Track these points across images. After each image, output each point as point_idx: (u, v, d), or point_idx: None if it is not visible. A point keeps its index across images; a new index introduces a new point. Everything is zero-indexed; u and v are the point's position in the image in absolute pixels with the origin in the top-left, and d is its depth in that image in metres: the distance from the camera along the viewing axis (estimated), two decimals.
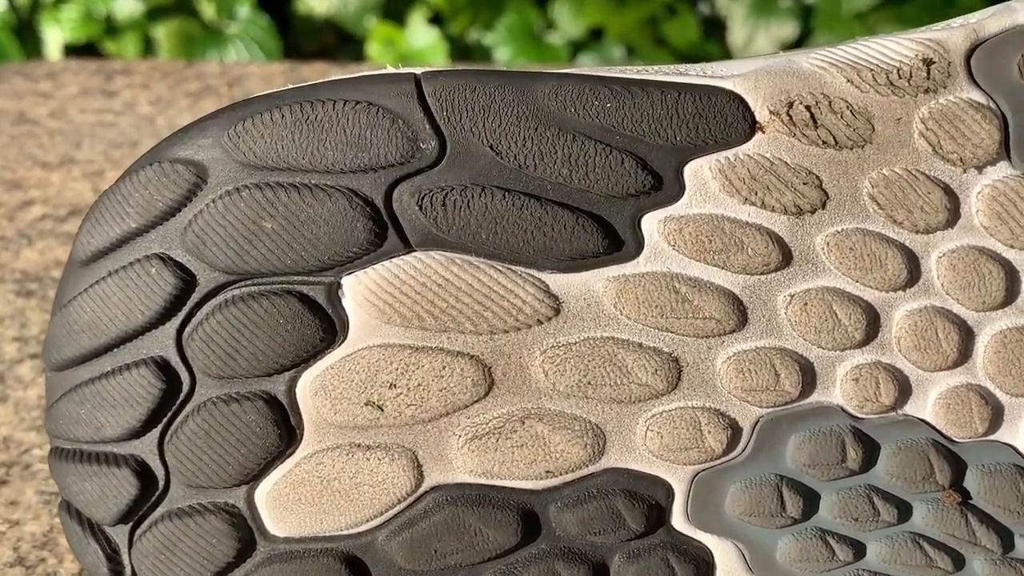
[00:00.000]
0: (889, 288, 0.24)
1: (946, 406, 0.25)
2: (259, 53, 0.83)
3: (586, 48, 0.87)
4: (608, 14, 0.85)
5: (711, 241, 0.24)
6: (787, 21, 0.86)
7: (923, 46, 0.24)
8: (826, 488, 0.25)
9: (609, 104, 0.24)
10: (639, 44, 0.86)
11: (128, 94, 0.63)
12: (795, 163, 0.24)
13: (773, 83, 0.24)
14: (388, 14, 0.84)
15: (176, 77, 0.64)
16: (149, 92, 0.63)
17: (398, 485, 0.25)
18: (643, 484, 0.25)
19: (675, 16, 0.87)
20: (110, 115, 0.60)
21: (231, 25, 0.83)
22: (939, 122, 0.24)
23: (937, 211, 0.24)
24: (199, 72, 0.65)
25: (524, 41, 0.85)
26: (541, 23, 0.84)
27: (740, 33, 0.87)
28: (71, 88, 0.63)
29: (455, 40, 0.84)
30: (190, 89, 0.63)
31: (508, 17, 0.85)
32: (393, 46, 0.84)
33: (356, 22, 0.85)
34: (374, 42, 0.81)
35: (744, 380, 0.24)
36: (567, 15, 0.85)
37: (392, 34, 0.82)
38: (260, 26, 0.84)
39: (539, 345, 0.24)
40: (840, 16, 0.86)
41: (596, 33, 0.85)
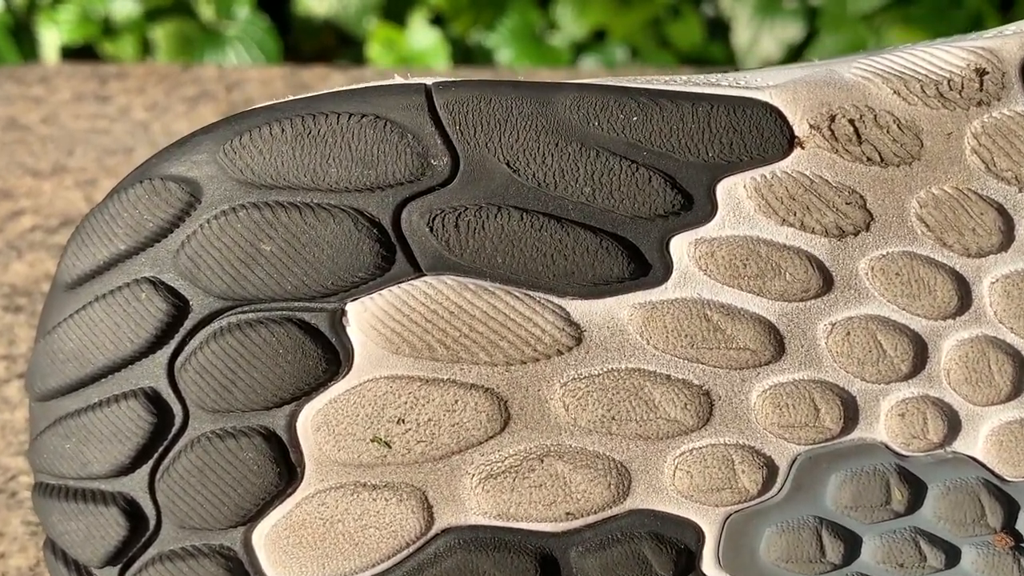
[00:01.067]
0: (938, 316, 0.22)
1: (999, 443, 0.23)
2: (258, 54, 0.82)
3: (589, 49, 0.86)
4: (611, 15, 0.83)
5: (746, 265, 0.22)
6: (792, 22, 0.85)
7: (975, 55, 0.22)
8: (869, 531, 0.23)
9: (635, 118, 0.22)
10: (642, 45, 0.85)
11: (123, 99, 0.61)
12: (837, 181, 0.22)
13: (813, 95, 0.22)
14: (388, 15, 0.82)
15: (172, 81, 0.62)
16: (145, 97, 0.61)
17: (407, 528, 0.23)
18: (671, 527, 0.23)
19: (679, 17, 0.86)
20: (104, 121, 0.58)
21: (230, 26, 0.82)
22: (993, 137, 0.22)
23: (990, 233, 0.22)
24: (196, 76, 0.64)
25: (526, 42, 0.84)
26: (543, 24, 0.82)
27: (744, 34, 0.85)
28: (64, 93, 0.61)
29: (456, 41, 0.83)
30: (187, 94, 0.61)
31: (510, 18, 0.84)
32: (393, 47, 0.82)
33: (356, 23, 0.84)
34: (374, 43, 0.80)
35: (781, 415, 0.23)
36: (569, 16, 0.84)
37: (392, 35, 0.80)
38: (259, 27, 0.82)
39: (559, 377, 0.23)
40: (846, 17, 0.84)
41: (599, 35, 0.83)
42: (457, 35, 0.81)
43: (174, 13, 0.83)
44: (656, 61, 0.82)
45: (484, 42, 0.83)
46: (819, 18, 0.85)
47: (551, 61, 0.82)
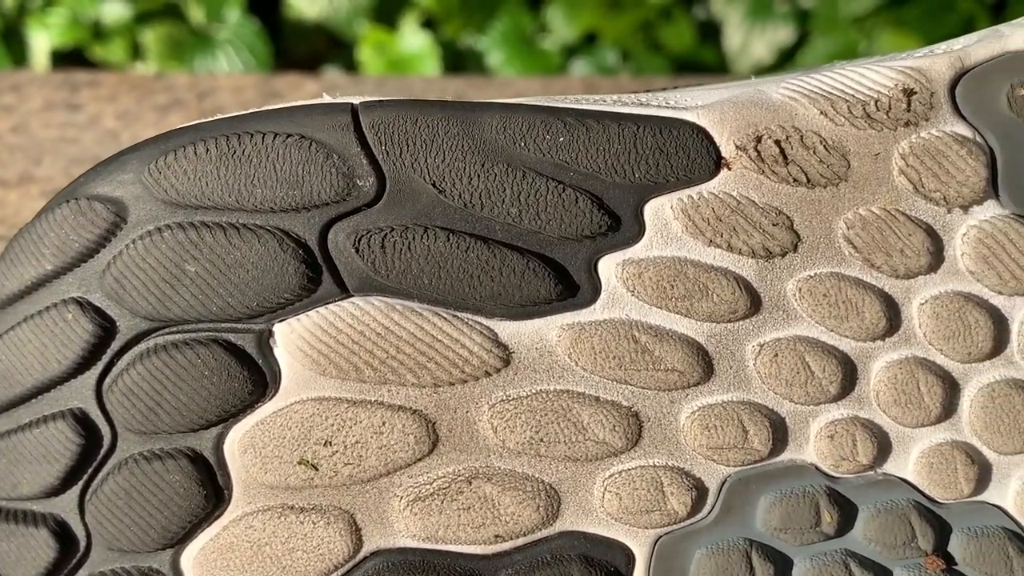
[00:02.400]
0: (867, 338, 0.22)
1: (929, 465, 0.23)
2: (249, 58, 0.82)
3: (580, 53, 0.86)
4: (602, 18, 0.83)
5: (673, 287, 0.22)
6: (783, 25, 0.85)
7: (903, 75, 0.22)
8: (799, 553, 0.23)
9: (562, 138, 0.22)
10: (633, 48, 0.85)
11: (94, 108, 0.60)
12: (764, 202, 0.22)
13: (740, 115, 0.22)
14: (380, 18, 0.82)
15: (145, 90, 0.62)
16: (116, 105, 0.61)
17: (335, 551, 0.23)
18: (601, 549, 0.23)
19: (670, 20, 0.85)
20: (73, 130, 0.58)
21: (220, 30, 0.82)
22: (921, 158, 0.22)
23: (919, 254, 0.22)
24: (169, 85, 0.63)
25: (517, 46, 0.84)
26: (534, 27, 0.82)
27: (736, 37, 0.85)
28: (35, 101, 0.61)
29: (447, 45, 0.83)
30: (158, 102, 0.61)
31: (501, 21, 0.84)
32: (384, 51, 0.82)
33: (347, 26, 0.83)
34: (365, 47, 0.79)
35: (710, 437, 0.22)
36: (560, 19, 0.84)
37: (383, 38, 0.80)
38: (250, 31, 0.82)
39: (487, 399, 0.22)
40: (837, 20, 0.84)
41: (590, 37, 0.83)
42: (448, 38, 0.81)
43: (164, 16, 0.83)
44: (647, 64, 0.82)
45: (475, 45, 0.83)
46: (810, 21, 0.85)
47: (542, 64, 0.81)
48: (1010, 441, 0.23)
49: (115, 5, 0.82)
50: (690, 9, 0.85)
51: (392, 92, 0.57)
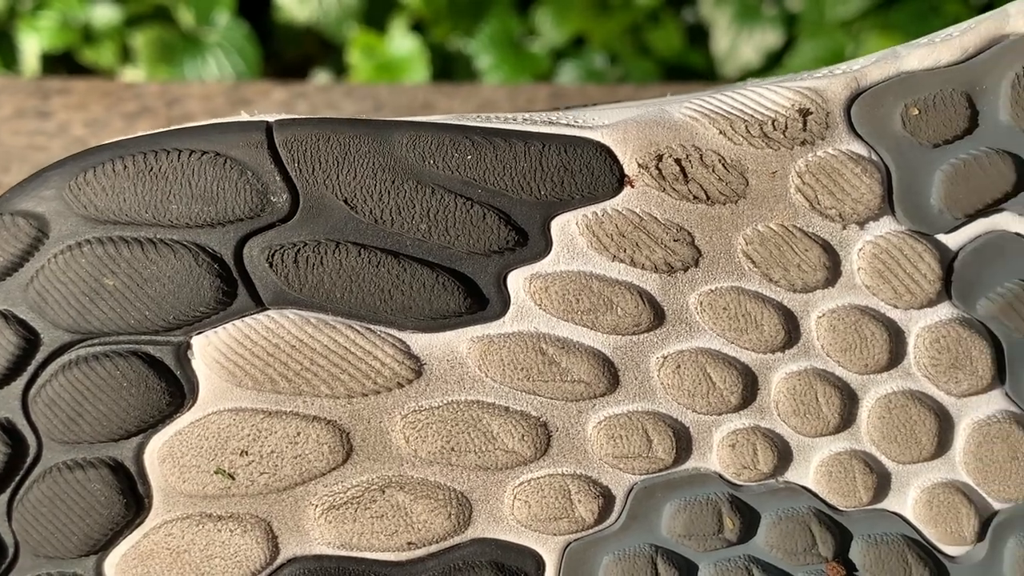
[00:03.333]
0: (766, 350, 0.23)
1: (828, 473, 0.23)
2: (238, 61, 0.82)
3: (568, 56, 0.86)
4: (591, 22, 0.84)
5: (579, 300, 0.23)
6: (771, 29, 0.85)
7: (800, 95, 0.22)
8: (704, 559, 0.24)
9: (470, 156, 0.22)
10: (622, 52, 0.85)
11: (63, 115, 0.61)
12: (666, 219, 0.23)
13: (643, 134, 0.23)
14: (369, 21, 0.82)
15: (115, 97, 0.63)
16: (85, 113, 0.61)
17: (252, 558, 0.23)
18: (512, 556, 0.24)
19: (658, 24, 0.86)
20: (42, 137, 0.59)
21: (210, 33, 0.82)
22: (816, 176, 0.22)
23: (815, 269, 0.23)
24: (139, 92, 0.64)
25: (505, 49, 0.84)
26: (523, 31, 0.83)
27: (723, 41, 0.86)
28: (6, 109, 0.61)
29: (436, 48, 0.83)
30: (127, 110, 0.62)
31: (489, 25, 0.84)
32: (373, 54, 0.83)
33: (336, 30, 0.84)
34: (354, 50, 0.80)
35: (615, 446, 0.23)
36: (549, 23, 0.84)
37: (372, 42, 0.81)
38: (239, 34, 0.83)
39: (400, 409, 0.23)
40: (824, 24, 0.85)
41: (578, 41, 0.84)
42: (437, 41, 0.82)
43: (154, 20, 0.83)
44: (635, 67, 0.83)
45: (464, 48, 0.83)
46: (798, 25, 0.86)
47: (530, 67, 0.82)
48: (907, 451, 0.23)
49: (105, 8, 0.82)
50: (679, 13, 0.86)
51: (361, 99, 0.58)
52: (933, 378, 0.23)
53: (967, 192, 0.22)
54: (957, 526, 0.23)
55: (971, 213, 0.23)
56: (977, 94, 0.22)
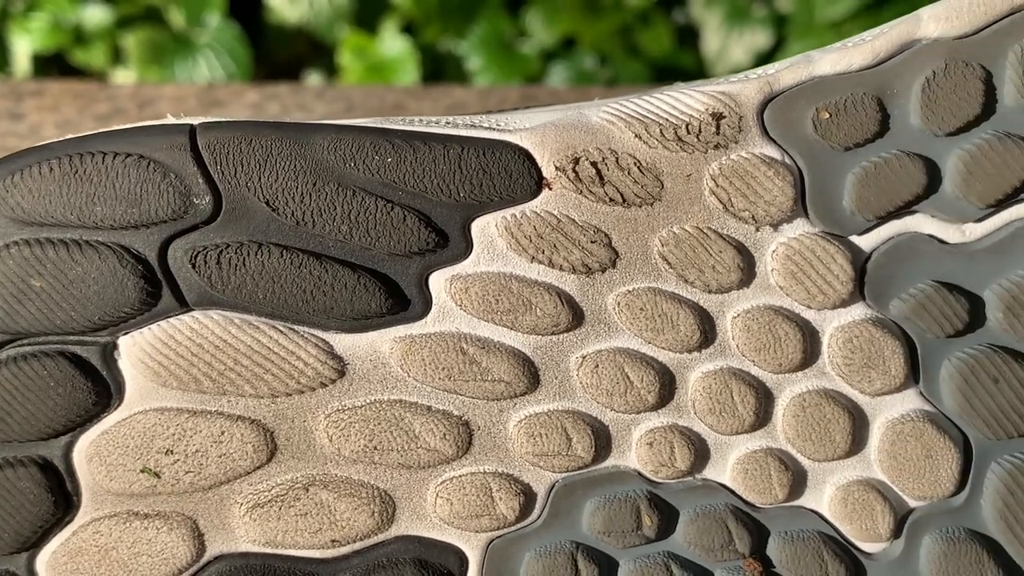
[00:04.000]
0: (682, 349, 0.23)
1: (744, 471, 0.24)
2: (229, 62, 0.82)
3: (558, 57, 0.86)
4: (581, 23, 0.84)
5: (498, 301, 0.23)
6: (761, 30, 0.86)
7: (714, 99, 0.23)
8: (624, 556, 0.24)
9: (390, 159, 0.23)
10: (612, 53, 0.86)
11: (36, 117, 0.61)
12: (583, 221, 0.23)
13: (560, 138, 0.23)
14: (360, 23, 0.83)
15: (88, 99, 0.63)
16: (57, 115, 0.61)
17: (178, 555, 0.24)
18: (435, 552, 0.24)
19: (648, 25, 0.86)
20: (14, 139, 0.59)
21: (201, 34, 0.82)
22: (730, 179, 0.23)
23: (729, 271, 0.23)
24: (112, 94, 0.64)
25: (496, 50, 0.85)
26: (513, 32, 0.83)
27: (714, 42, 0.86)
28: None
29: (427, 49, 0.83)
30: (99, 111, 0.62)
31: (480, 26, 0.84)
32: (364, 55, 0.83)
33: (327, 31, 0.84)
34: (345, 51, 0.80)
35: (535, 445, 0.23)
36: (539, 24, 0.85)
37: (363, 43, 0.81)
38: (230, 35, 0.83)
39: (323, 409, 0.23)
40: (814, 25, 0.85)
41: (569, 42, 0.84)
42: (427, 43, 0.82)
43: (145, 21, 0.83)
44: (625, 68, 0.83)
45: (454, 50, 0.83)
46: (788, 25, 0.86)
47: (521, 69, 0.82)
48: (822, 449, 0.24)
49: (96, 10, 0.82)
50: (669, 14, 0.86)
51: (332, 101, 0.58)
52: (847, 377, 0.23)
53: (878, 194, 0.23)
54: (872, 523, 0.24)
55: (883, 215, 0.23)
56: (888, 98, 0.23)
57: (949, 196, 0.23)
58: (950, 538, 0.24)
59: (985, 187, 0.23)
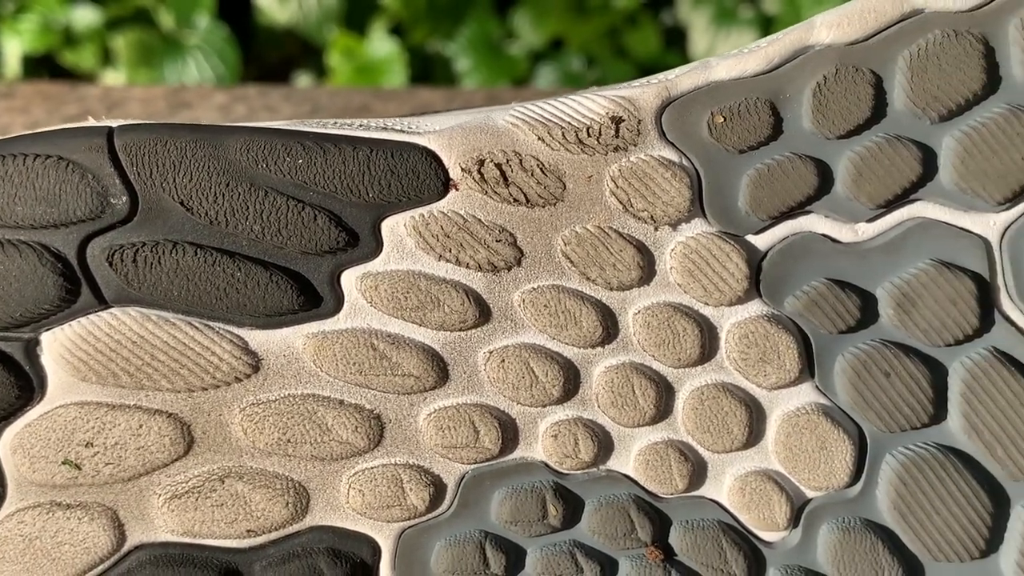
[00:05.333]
0: (586, 345, 0.24)
1: (646, 462, 0.24)
2: (218, 64, 0.83)
3: (546, 58, 0.87)
4: (569, 24, 0.84)
5: (407, 298, 0.24)
6: (748, 31, 0.86)
7: (614, 104, 0.24)
8: (531, 544, 0.25)
9: (301, 160, 0.23)
10: (600, 54, 0.86)
11: (5, 119, 0.62)
12: (489, 220, 0.24)
13: (466, 140, 0.24)
14: (350, 24, 0.83)
15: (57, 101, 0.63)
16: (27, 116, 0.62)
17: (99, 545, 0.24)
18: (348, 542, 0.25)
19: (636, 26, 0.87)
20: None
21: (190, 35, 0.82)
22: (629, 180, 0.24)
23: (630, 269, 0.24)
24: (82, 95, 0.65)
25: (484, 51, 0.85)
26: (501, 33, 0.83)
27: (701, 43, 0.87)
28: None
29: (415, 50, 0.84)
30: (68, 113, 0.62)
31: (468, 27, 0.85)
32: (353, 56, 0.83)
33: (317, 32, 0.84)
34: (334, 52, 0.80)
35: (444, 437, 0.24)
36: (528, 25, 0.85)
37: (352, 44, 0.81)
38: (219, 36, 0.83)
39: (238, 403, 0.24)
40: None
41: (556, 44, 0.85)
42: (416, 44, 0.82)
43: (134, 22, 0.84)
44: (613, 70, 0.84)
45: (443, 51, 0.84)
46: (774, 27, 0.87)
47: (509, 69, 0.83)
48: (720, 440, 0.24)
49: (85, 11, 0.83)
50: (656, 15, 0.87)
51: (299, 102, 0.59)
52: (743, 371, 0.24)
53: (772, 195, 0.24)
54: (770, 513, 0.24)
55: (777, 215, 0.24)
56: (781, 102, 0.23)
57: (841, 197, 0.24)
58: (846, 527, 0.24)
59: (875, 188, 0.23)
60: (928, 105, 0.23)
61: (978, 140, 0.23)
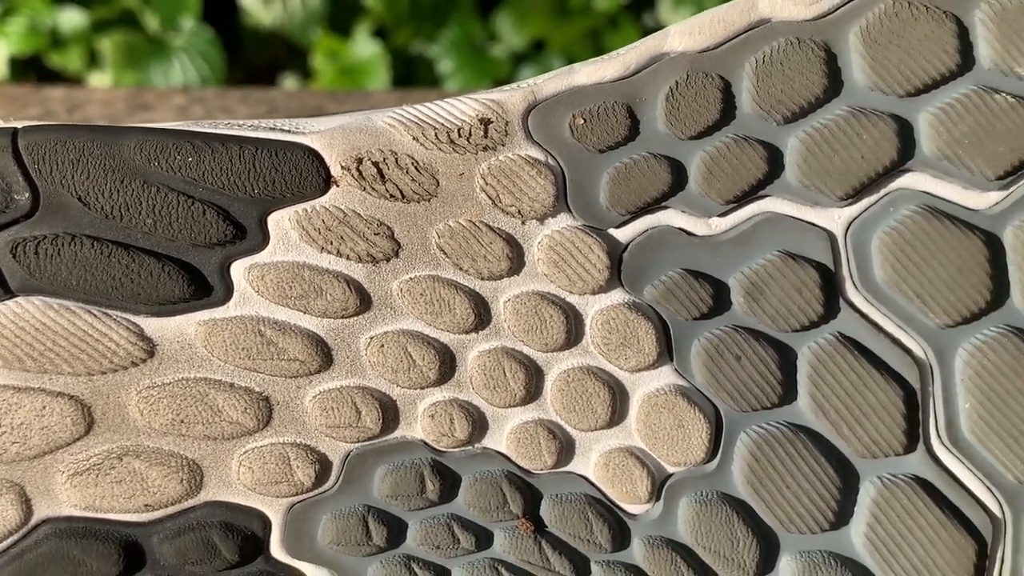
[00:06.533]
0: (460, 331, 0.26)
1: (517, 440, 0.26)
2: (203, 65, 0.84)
3: (528, 60, 0.88)
4: (550, 26, 0.86)
5: (292, 287, 0.25)
6: None
7: (483, 106, 0.25)
8: (411, 517, 0.27)
9: (190, 158, 0.25)
10: (581, 56, 0.87)
11: None
12: (367, 215, 0.25)
13: (347, 140, 0.25)
14: (334, 26, 0.84)
15: (21, 102, 0.65)
16: None
17: (8, 518, 0.26)
18: (240, 516, 0.26)
19: (617, 28, 0.88)
20: None
21: (176, 37, 0.83)
22: (497, 177, 0.25)
23: (499, 260, 0.25)
24: (44, 97, 0.66)
25: (466, 53, 0.86)
26: (484, 35, 0.85)
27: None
28: None
29: (398, 52, 0.85)
30: (30, 114, 0.64)
31: (451, 29, 0.86)
32: (336, 58, 0.84)
33: (301, 34, 0.85)
34: (318, 54, 0.82)
35: (328, 417, 0.26)
36: (509, 27, 0.86)
37: (335, 46, 0.82)
38: (204, 39, 0.84)
39: (135, 385, 0.26)
40: None
41: (538, 45, 0.86)
42: (399, 46, 0.84)
43: (120, 24, 0.85)
44: None
45: (425, 53, 0.85)
46: None
47: (491, 71, 0.84)
48: (585, 419, 0.26)
49: (72, 13, 0.83)
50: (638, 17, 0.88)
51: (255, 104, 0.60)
52: (606, 355, 0.26)
53: (629, 191, 0.25)
54: (632, 487, 0.26)
55: (635, 210, 0.26)
56: (637, 105, 0.25)
57: (694, 193, 0.25)
58: (703, 500, 0.26)
59: (724, 185, 0.25)
60: (773, 108, 0.25)
61: (820, 140, 0.25)
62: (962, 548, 0.26)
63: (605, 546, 0.26)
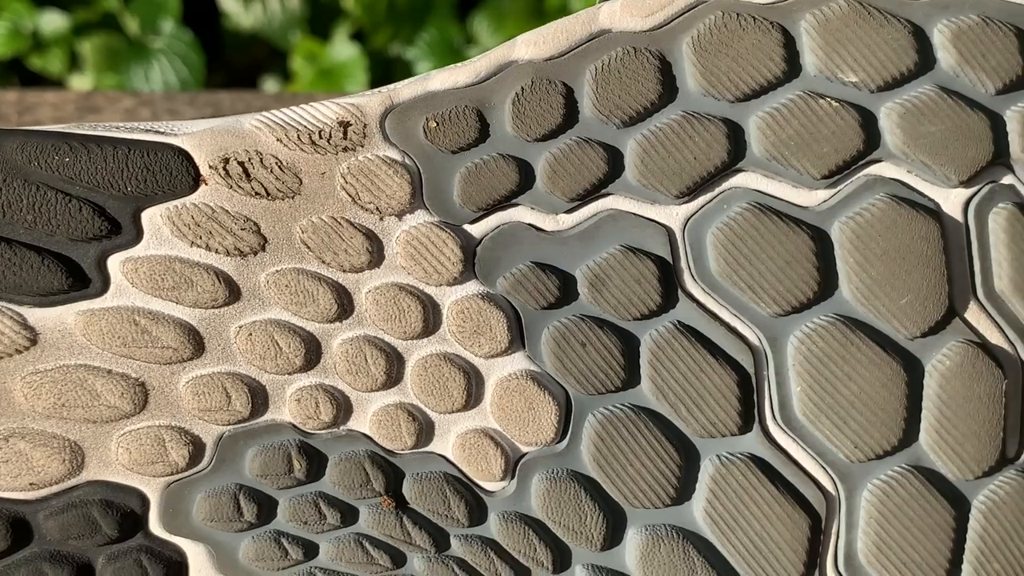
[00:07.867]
0: (324, 320, 0.28)
1: (379, 422, 0.28)
2: (182, 68, 0.85)
3: None
4: (527, 28, 0.87)
5: (164, 279, 0.27)
6: None
7: (343, 110, 0.27)
8: (281, 495, 0.28)
9: (67, 159, 0.27)
10: None
11: None
12: (235, 211, 0.27)
13: (215, 141, 0.27)
14: (314, 29, 0.85)
15: None
16: None
17: None
18: (119, 494, 0.28)
19: None
20: None
21: (156, 40, 0.84)
22: (356, 176, 0.27)
23: (360, 253, 0.27)
24: None
25: (444, 56, 0.88)
26: (461, 38, 0.86)
27: None
28: None
29: (376, 55, 0.86)
30: None
31: (428, 32, 0.87)
32: (315, 61, 0.86)
33: (281, 37, 0.86)
34: (297, 57, 0.83)
35: (199, 401, 0.28)
36: (487, 30, 0.88)
37: (314, 49, 0.83)
38: (183, 41, 0.85)
39: (20, 372, 0.27)
40: None
41: None
42: (377, 48, 0.85)
43: (101, 27, 0.86)
44: None
45: (403, 55, 0.86)
46: None
47: None
48: (443, 402, 0.28)
49: (53, 16, 0.84)
50: None
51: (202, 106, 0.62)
52: (461, 342, 0.28)
53: (479, 190, 0.27)
54: (487, 465, 0.28)
55: (486, 207, 0.27)
56: (487, 109, 0.27)
57: (541, 192, 0.27)
58: (553, 477, 0.28)
59: (568, 184, 0.27)
60: (612, 112, 0.27)
61: (656, 142, 0.27)
62: (796, 523, 0.28)
63: (463, 521, 0.28)
